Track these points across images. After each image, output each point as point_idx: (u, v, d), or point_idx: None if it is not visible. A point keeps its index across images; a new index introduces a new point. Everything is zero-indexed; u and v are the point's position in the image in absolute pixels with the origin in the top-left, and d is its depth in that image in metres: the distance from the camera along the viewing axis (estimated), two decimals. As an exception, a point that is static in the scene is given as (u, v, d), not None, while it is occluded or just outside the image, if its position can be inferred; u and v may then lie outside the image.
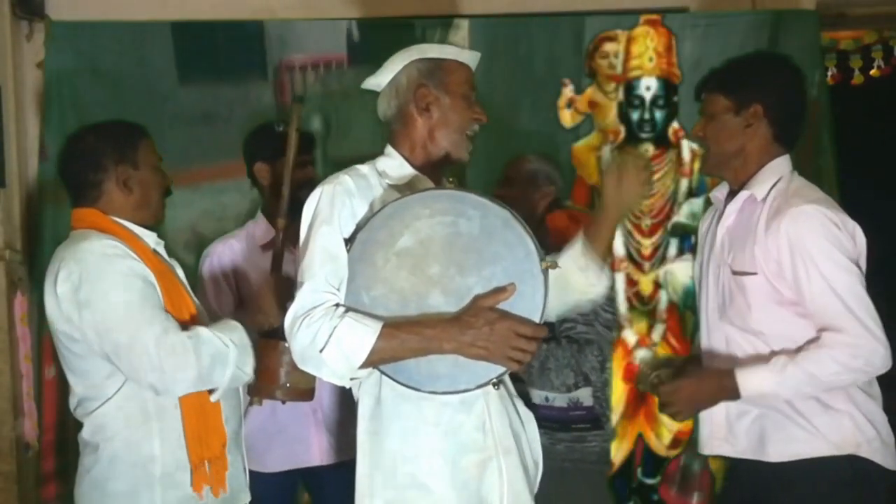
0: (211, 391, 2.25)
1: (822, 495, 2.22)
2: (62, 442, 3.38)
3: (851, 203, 3.25)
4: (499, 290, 1.92)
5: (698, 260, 2.57)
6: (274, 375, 2.38)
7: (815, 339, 2.20)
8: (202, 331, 2.21)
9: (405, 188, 2.07)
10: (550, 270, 1.97)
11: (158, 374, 2.14)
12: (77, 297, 2.17)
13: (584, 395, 2.80)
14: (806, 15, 3.65)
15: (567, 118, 3.65)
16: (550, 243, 2.84)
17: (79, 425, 2.32)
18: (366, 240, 1.97)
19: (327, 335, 1.92)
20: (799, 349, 2.21)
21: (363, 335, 1.92)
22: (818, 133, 3.50)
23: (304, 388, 2.44)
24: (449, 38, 3.64)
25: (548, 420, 2.71)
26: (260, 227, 2.97)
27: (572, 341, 2.72)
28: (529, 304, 1.93)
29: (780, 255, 2.22)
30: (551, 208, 2.93)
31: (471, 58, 2.21)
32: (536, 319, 1.93)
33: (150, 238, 2.36)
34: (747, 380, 2.22)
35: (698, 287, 2.54)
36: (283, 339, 2.35)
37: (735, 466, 2.43)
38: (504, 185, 2.92)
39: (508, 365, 1.94)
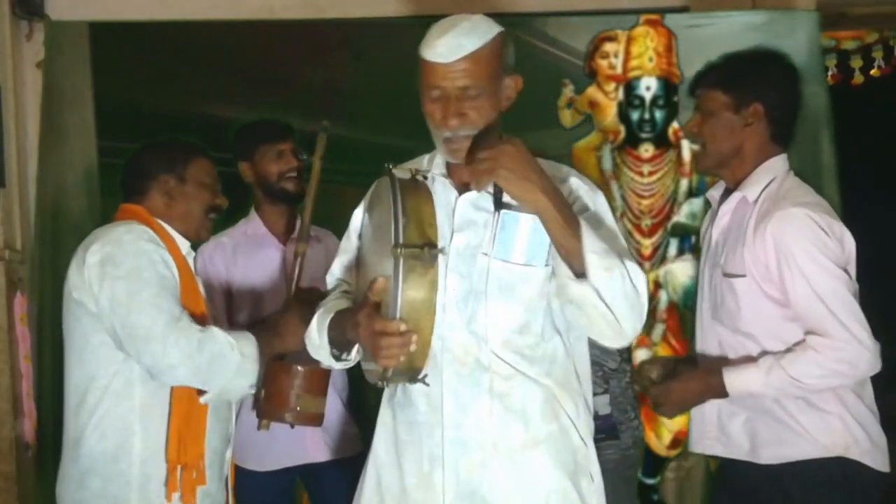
0: (202, 393, 2.26)
1: (813, 497, 2.22)
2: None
3: (851, 203, 3.26)
4: (373, 281, 1.85)
5: (700, 261, 2.56)
6: (285, 399, 2.41)
7: (802, 341, 2.20)
8: (215, 329, 2.27)
9: (431, 184, 1.98)
10: (538, 259, 1.88)
11: (160, 355, 2.18)
12: (103, 268, 2.24)
13: (602, 404, 2.74)
14: (806, 15, 3.65)
15: (567, 118, 3.65)
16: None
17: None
18: (365, 233, 2.07)
19: (311, 321, 2.06)
20: (787, 350, 2.22)
21: (322, 323, 2.01)
22: (818, 133, 3.50)
23: (313, 413, 2.45)
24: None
25: None
26: (252, 225, 2.99)
27: None
28: (391, 297, 1.79)
29: (767, 257, 2.22)
30: None
31: (435, 52, 1.89)
32: (393, 313, 1.78)
33: (183, 245, 2.43)
34: (734, 379, 2.23)
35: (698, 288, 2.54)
36: (296, 362, 2.35)
37: (726, 467, 2.43)
38: None
39: (377, 361, 1.81)
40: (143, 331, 2.19)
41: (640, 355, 3.53)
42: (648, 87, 3.62)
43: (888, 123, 5.58)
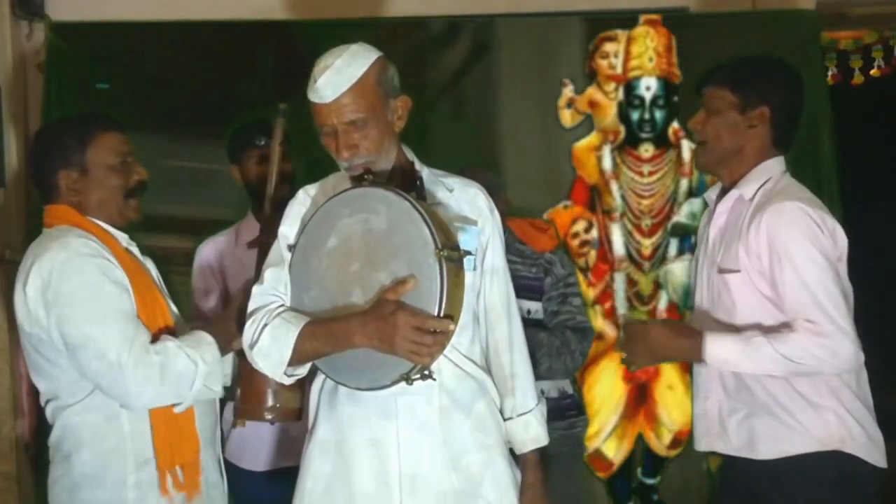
0: (176, 404, 2.17)
1: (810, 492, 2.24)
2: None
3: (851, 203, 3.27)
4: (399, 283, 1.89)
5: (694, 260, 2.58)
6: (261, 396, 2.35)
7: (788, 323, 2.22)
8: (171, 346, 2.12)
9: None
10: (466, 263, 1.98)
11: (121, 388, 2.07)
12: (45, 297, 2.09)
13: (566, 384, 2.97)
14: (806, 15, 3.65)
15: (567, 118, 3.65)
16: (519, 247, 2.94)
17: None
18: (304, 244, 2.03)
19: (258, 334, 2.02)
20: (772, 329, 2.24)
21: (285, 334, 1.98)
22: (818, 133, 3.50)
23: (291, 408, 2.40)
24: (449, 38, 3.65)
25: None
26: (247, 226, 2.98)
27: (576, 330, 2.89)
28: (427, 296, 1.88)
29: (759, 250, 2.25)
30: (504, 217, 3.03)
31: (316, 93, 2.02)
32: (433, 311, 1.88)
33: (121, 238, 2.27)
34: (714, 343, 2.24)
35: (693, 287, 2.55)
36: None
37: (728, 464, 2.45)
38: None
39: (410, 359, 1.89)
40: (97, 364, 2.06)
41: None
42: (648, 87, 3.62)
43: (888, 123, 5.58)
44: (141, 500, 2.16)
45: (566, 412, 2.93)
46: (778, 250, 2.22)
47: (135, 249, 2.31)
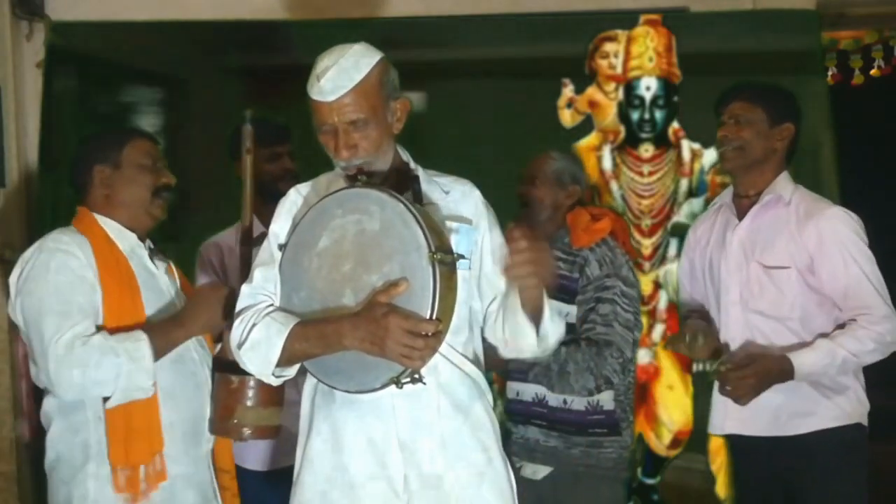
0: (107, 399, 2.23)
1: (839, 459, 2.56)
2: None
3: (852, 203, 3.28)
4: (391, 285, 1.89)
5: (690, 255, 2.82)
6: (230, 412, 2.32)
7: (850, 322, 2.53)
8: (96, 339, 2.20)
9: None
10: (461, 262, 1.99)
11: (47, 372, 2.19)
12: (17, 286, 2.30)
13: (606, 399, 2.72)
14: (806, 15, 3.65)
15: (567, 118, 3.65)
16: (568, 242, 2.80)
17: None
18: (295, 244, 2.02)
19: (246, 334, 2.01)
20: (836, 333, 2.53)
21: (275, 334, 1.97)
22: (818, 133, 3.50)
23: (264, 426, 2.37)
24: (449, 38, 3.65)
25: (564, 423, 2.70)
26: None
27: (591, 343, 2.65)
28: (420, 300, 1.88)
29: (815, 249, 2.55)
30: (573, 208, 2.87)
31: (318, 91, 2.01)
32: (426, 314, 1.87)
33: (124, 242, 2.37)
34: (801, 363, 2.50)
35: (692, 280, 2.79)
36: (237, 373, 2.26)
37: (747, 448, 2.68)
38: (527, 183, 2.87)
39: (401, 362, 1.88)
40: (34, 348, 2.24)
41: (640, 356, 3.54)
42: (648, 87, 3.62)
43: (888, 123, 5.58)
44: (100, 492, 2.24)
45: (591, 428, 2.71)
46: (840, 249, 2.54)
47: (141, 252, 2.40)
